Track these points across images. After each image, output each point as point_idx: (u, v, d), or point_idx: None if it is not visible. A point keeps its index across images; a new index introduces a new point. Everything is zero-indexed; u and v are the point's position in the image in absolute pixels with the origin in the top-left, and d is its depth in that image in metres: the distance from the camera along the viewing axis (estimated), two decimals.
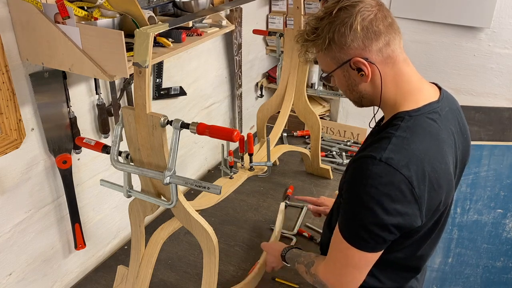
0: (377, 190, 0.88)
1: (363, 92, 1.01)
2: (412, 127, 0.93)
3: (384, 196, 0.88)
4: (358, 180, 0.91)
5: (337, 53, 0.97)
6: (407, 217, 0.90)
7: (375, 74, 0.97)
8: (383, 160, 0.88)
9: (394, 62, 0.97)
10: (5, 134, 1.21)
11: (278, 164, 2.23)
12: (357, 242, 0.95)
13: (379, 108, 1.05)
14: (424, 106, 0.97)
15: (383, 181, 0.88)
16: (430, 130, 0.95)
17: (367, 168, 0.89)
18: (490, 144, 1.64)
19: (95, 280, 1.59)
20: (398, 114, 0.97)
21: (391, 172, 0.87)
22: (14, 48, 1.20)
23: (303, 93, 1.92)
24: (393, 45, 0.95)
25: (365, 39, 0.93)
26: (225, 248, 1.69)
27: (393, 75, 0.97)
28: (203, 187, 1.08)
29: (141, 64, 1.01)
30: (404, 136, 0.92)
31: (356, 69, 0.96)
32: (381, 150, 0.90)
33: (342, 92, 1.08)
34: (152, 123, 1.08)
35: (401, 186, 0.88)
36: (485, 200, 1.70)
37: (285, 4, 2.58)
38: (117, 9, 1.22)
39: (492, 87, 2.31)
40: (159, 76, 1.80)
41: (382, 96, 0.99)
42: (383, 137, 0.94)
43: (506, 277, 1.81)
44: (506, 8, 2.15)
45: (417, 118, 0.95)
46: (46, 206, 1.44)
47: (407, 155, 0.89)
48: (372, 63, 0.95)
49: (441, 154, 0.95)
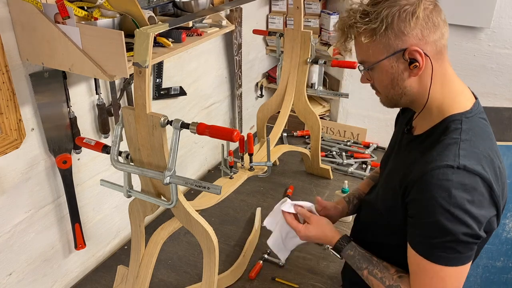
0: (463, 199, 0.84)
1: (407, 88, 0.95)
2: (473, 129, 0.91)
3: (471, 204, 0.84)
4: (439, 193, 0.85)
5: (393, 41, 0.90)
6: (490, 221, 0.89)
7: (426, 69, 0.92)
8: (461, 167, 0.85)
9: (443, 59, 0.95)
10: (5, 134, 1.21)
11: (278, 164, 2.23)
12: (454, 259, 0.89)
13: (422, 109, 0.98)
14: (473, 107, 0.94)
15: (467, 188, 0.84)
16: (486, 130, 0.95)
17: (448, 179, 0.85)
18: None
19: (95, 280, 1.59)
20: (452, 117, 0.93)
21: (472, 177, 0.85)
22: (14, 48, 1.20)
23: (303, 93, 1.92)
24: (444, 41, 0.93)
25: (424, 29, 0.89)
26: (225, 248, 1.69)
27: (440, 72, 0.94)
28: (203, 187, 1.08)
29: (141, 64, 1.01)
30: (470, 138, 0.89)
31: (408, 60, 0.91)
32: (455, 157, 0.86)
33: (378, 87, 1.00)
34: (152, 123, 1.08)
35: (482, 191, 0.86)
36: None
37: (285, 4, 2.58)
38: (117, 9, 1.22)
39: (492, 87, 2.31)
40: (159, 76, 1.80)
41: (429, 95, 0.94)
42: (448, 143, 0.89)
43: (506, 277, 1.80)
44: (506, 8, 2.15)
45: (473, 120, 0.93)
46: (46, 206, 1.44)
47: (480, 158, 0.87)
48: (427, 55, 0.91)
49: (499, 151, 0.95)
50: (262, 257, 1.63)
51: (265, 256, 1.63)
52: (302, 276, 1.55)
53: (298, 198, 1.95)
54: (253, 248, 1.68)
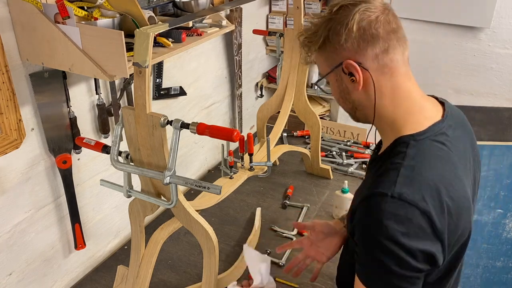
0: (394, 230, 0.78)
1: (356, 102, 0.92)
2: (420, 154, 0.84)
3: (404, 236, 0.78)
4: (371, 223, 0.81)
5: (331, 53, 0.89)
6: (433, 255, 0.81)
7: (368, 83, 0.88)
8: (395, 196, 0.79)
9: (392, 73, 0.88)
10: (5, 134, 1.21)
11: (278, 164, 2.23)
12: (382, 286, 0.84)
13: (374, 125, 0.96)
14: (429, 128, 0.88)
15: (400, 219, 0.78)
16: (440, 154, 0.86)
17: (379, 208, 0.80)
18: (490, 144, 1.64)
19: (95, 280, 1.59)
20: (401, 139, 0.88)
21: (407, 207, 0.78)
22: (14, 48, 1.20)
23: (303, 93, 1.92)
24: (392, 54, 0.86)
25: (360, 40, 0.85)
26: (225, 248, 1.69)
27: (390, 87, 0.88)
28: (203, 187, 1.08)
29: (141, 64, 1.01)
30: (413, 164, 0.83)
31: (348, 74, 0.88)
32: (391, 184, 0.81)
33: (336, 101, 0.99)
34: (152, 123, 1.08)
35: (420, 223, 0.79)
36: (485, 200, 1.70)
37: (285, 4, 2.58)
38: (117, 9, 1.22)
39: (492, 87, 2.31)
40: (159, 76, 1.80)
41: (376, 111, 0.89)
42: (389, 168, 0.85)
43: (506, 277, 1.80)
44: (506, 8, 2.15)
45: (423, 143, 0.86)
46: (46, 206, 1.44)
47: (421, 187, 0.80)
48: (365, 69, 0.86)
49: (456, 179, 0.86)
50: None
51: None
52: (302, 276, 1.55)
53: (298, 198, 1.96)
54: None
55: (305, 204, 1.90)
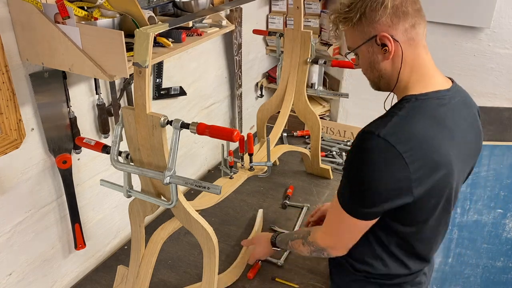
0: (371, 161, 0.93)
1: (382, 71, 1.05)
2: (416, 109, 0.98)
3: (378, 167, 0.93)
4: (356, 152, 0.97)
5: (366, 27, 1.01)
6: (398, 190, 0.94)
7: (397, 53, 1.01)
8: (381, 136, 0.92)
9: (416, 45, 1.01)
10: (5, 134, 1.21)
11: (278, 164, 2.23)
12: (350, 209, 1.01)
13: (393, 92, 1.08)
14: (433, 92, 1.01)
15: (379, 154, 0.92)
16: (435, 114, 0.98)
17: (365, 142, 0.94)
18: (490, 144, 1.64)
19: (95, 280, 1.59)
20: (406, 96, 1.01)
21: (387, 147, 0.92)
22: (14, 48, 1.20)
23: (303, 93, 1.92)
24: (418, 29, 1.01)
25: (393, 16, 0.98)
26: (225, 248, 1.69)
27: (412, 58, 1.02)
28: (203, 187, 1.08)
29: (141, 64, 1.01)
30: (406, 115, 0.96)
31: (381, 45, 1.01)
32: (381, 126, 0.94)
33: (362, 70, 1.12)
34: (152, 123, 1.08)
35: (395, 161, 0.92)
36: (485, 200, 1.70)
37: (285, 4, 2.58)
38: (117, 9, 1.22)
39: (492, 87, 2.31)
40: (159, 76, 1.80)
41: (399, 76, 1.02)
42: (386, 115, 0.99)
43: (506, 277, 1.81)
44: (506, 8, 2.15)
45: (423, 102, 0.99)
46: (46, 206, 1.44)
47: (405, 134, 0.93)
48: (396, 40, 0.99)
49: (444, 137, 0.98)
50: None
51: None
52: (302, 276, 1.55)
53: (298, 198, 1.96)
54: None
55: (305, 204, 1.90)
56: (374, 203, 0.97)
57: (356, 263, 1.14)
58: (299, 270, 1.58)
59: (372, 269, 1.10)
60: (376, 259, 1.10)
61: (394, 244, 1.08)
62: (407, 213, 1.01)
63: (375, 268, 1.10)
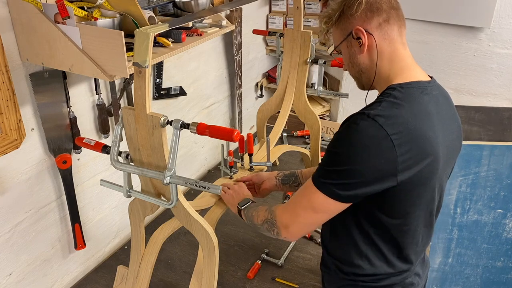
0: (357, 141, 0.94)
1: (361, 65, 1.08)
2: (402, 96, 1.00)
3: (363, 147, 0.93)
4: (344, 131, 0.97)
5: (344, 24, 1.07)
6: (380, 172, 0.95)
7: (372, 46, 1.05)
8: (371, 116, 0.94)
9: (391, 40, 1.05)
10: (5, 134, 1.21)
11: (278, 164, 2.23)
12: (325, 187, 0.99)
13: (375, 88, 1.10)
14: (415, 82, 1.04)
15: (367, 133, 0.93)
16: (420, 101, 1.01)
17: (355, 122, 0.95)
18: (490, 144, 1.64)
19: (95, 280, 1.59)
20: (391, 86, 1.04)
21: (376, 127, 0.93)
22: (14, 48, 1.20)
23: (303, 93, 1.92)
24: (392, 24, 1.04)
25: (367, 11, 1.03)
26: (225, 248, 1.69)
27: (389, 52, 1.05)
28: (203, 187, 1.08)
29: (141, 64, 1.01)
30: (394, 101, 0.99)
31: (356, 39, 1.05)
32: (371, 109, 0.97)
33: (347, 69, 1.16)
34: (152, 123, 1.08)
35: (382, 142, 0.93)
36: (485, 200, 1.70)
37: (285, 4, 2.58)
38: (117, 9, 1.22)
39: (492, 87, 2.31)
40: (159, 76, 1.80)
41: (377, 70, 1.06)
42: (374, 102, 1.02)
43: (506, 277, 1.80)
44: (506, 8, 2.15)
45: (407, 90, 1.02)
46: (46, 206, 1.44)
47: (394, 116, 0.95)
48: (370, 34, 1.03)
49: (430, 123, 1.00)
50: (261, 257, 1.63)
51: (264, 256, 1.63)
52: (302, 276, 1.55)
53: None
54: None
55: None
56: (355, 185, 0.96)
57: (343, 265, 1.13)
58: (299, 270, 1.58)
59: (359, 270, 1.10)
60: (361, 257, 1.09)
61: (378, 237, 1.07)
62: (391, 200, 1.01)
63: (361, 268, 1.09)
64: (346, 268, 1.13)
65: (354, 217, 1.07)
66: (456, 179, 1.64)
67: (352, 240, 1.09)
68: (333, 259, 1.16)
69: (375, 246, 1.09)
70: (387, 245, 1.09)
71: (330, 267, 1.18)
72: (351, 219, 1.07)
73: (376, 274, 1.11)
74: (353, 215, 1.06)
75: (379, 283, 1.12)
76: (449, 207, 1.68)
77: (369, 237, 1.07)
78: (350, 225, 1.08)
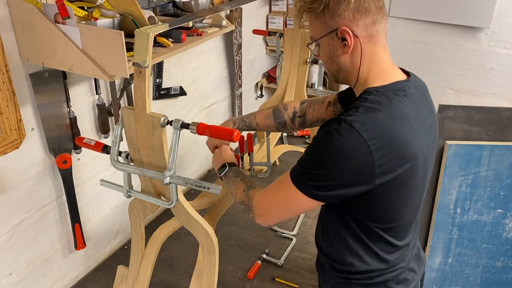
0: (335, 146, 0.94)
1: (342, 64, 1.06)
2: (379, 100, 0.99)
3: (340, 152, 0.93)
4: (323, 136, 0.98)
5: (328, 20, 1.02)
6: (357, 176, 0.95)
7: (356, 48, 1.02)
8: (347, 122, 0.93)
9: (375, 42, 1.03)
10: (5, 134, 1.21)
11: (278, 164, 2.23)
12: (303, 186, 0.99)
13: (353, 88, 1.09)
14: (392, 83, 1.03)
15: (343, 140, 0.93)
16: (396, 104, 1.00)
17: (332, 127, 0.95)
18: (490, 144, 1.64)
19: (95, 280, 1.59)
20: (367, 89, 1.03)
21: (353, 133, 0.92)
22: (14, 48, 1.20)
23: (303, 93, 1.92)
24: (378, 26, 1.02)
25: (355, 12, 0.99)
26: (225, 248, 1.69)
27: (370, 54, 1.03)
28: (203, 187, 1.08)
29: (141, 64, 1.01)
30: (370, 106, 0.98)
31: (341, 39, 1.02)
32: (348, 115, 0.96)
33: (323, 62, 1.12)
34: (152, 123, 1.08)
35: (359, 147, 0.92)
36: (485, 200, 1.70)
37: (285, 4, 2.58)
38: (117, 9, 1.22)
39: (492, 87, 2.31)
40: (159, 76, 1.80)
41: (359, 72, 1.04)
42: (351, 107, 1.00)
43: (506, 277, 1.80)
44: (506, 8, 2.15)
45: (384, 93, 1.01)
46: (46, 206, 1.44)
47: (371, 121, 0.95)
48: (356, 36, 1.01)
49: (408, 126, 0.99)
50: (261, 257, 1.63)
51: (264, 256, 1.63)
52: (302, 276, 1.56)
53: None
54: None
55: None
56: (332, 186, 0.96)
57: (336, 264, 1.14)
58: (299, 270, 1.58)
59: (352, 268, 1.10)
60: (353, 255, 1.09)
61: (366, 235, 1.08)
62: (372, 202, 1.01)
63: (354, 266, 1.10)
64: (339, 266, 1.13)
65: (342, 218, 1.08)
66: (456, 179, 1.64)
67: (343, 239, 1.10)
68: (327, 258, 1.17)
69: (365, 244, 1.09)
70: (376, 242, 1.09)
71: (324, 266, 1.19)
72: (340, 220, 1.08)
73: (368, 271, 1.11)
74: (340, 216, 1.07)
75: (373, 280, 1.12)
76: (449, 207, 1.68)
77: (358, 235, 1.08)
78: (339, 226, 1.09)
